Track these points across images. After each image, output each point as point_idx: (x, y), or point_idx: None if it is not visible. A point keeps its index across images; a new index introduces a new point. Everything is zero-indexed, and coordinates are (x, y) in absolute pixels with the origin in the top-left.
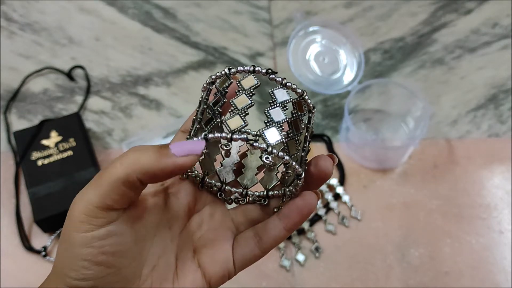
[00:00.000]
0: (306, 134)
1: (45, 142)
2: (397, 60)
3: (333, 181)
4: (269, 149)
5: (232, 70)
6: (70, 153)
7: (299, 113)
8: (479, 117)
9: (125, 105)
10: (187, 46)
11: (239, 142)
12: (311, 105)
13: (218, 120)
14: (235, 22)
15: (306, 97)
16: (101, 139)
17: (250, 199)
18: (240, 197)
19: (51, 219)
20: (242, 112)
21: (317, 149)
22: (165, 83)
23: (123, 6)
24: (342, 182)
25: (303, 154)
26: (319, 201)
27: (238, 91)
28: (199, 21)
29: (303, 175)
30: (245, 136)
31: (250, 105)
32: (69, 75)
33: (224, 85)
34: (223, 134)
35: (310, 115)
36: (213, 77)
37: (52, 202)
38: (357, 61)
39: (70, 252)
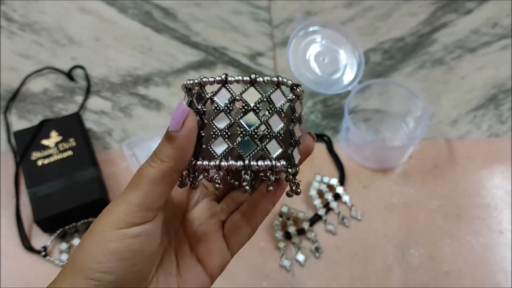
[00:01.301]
0: (299, 126)
1: (45, 142)
2: (397, 60)
3: (333, 181)
4: (273, 162)
5: (230, 79)
6: (70, 153)
7: (296, 115)
8: (479, 117)
9: (125, 105)
10: (187, 46)
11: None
12: (301, 91)
13: (231, 146)
14: (235, 22)
15: (284, 79)
16: (101, 139)
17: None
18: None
19: (51, 219)
20: (254, 134)
21: (317, 149)
22: (165, 83)
23: (123, 6)
24: (342, 182)
25: (296, 149)
26: (319, 201)
27: (243, 107)
28: (199, 21)
29: (299, 171)
30: (263, 163)
31: (260, 124)
32: (69, 75)
33: (228, 101)
34: (239, 163)
35: (293, 103)
36: (205, 80)
37: (52, 202)
38: (357, 61)
39: (99, 245)
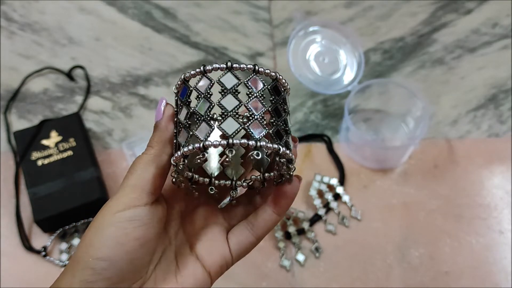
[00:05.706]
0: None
1: (45, 142)
2: (397, 60)
3: (333, 181)
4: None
5: (208, 68)
6: (70, 153)
7: (277, 98)
8: (479, 117)
9: (125, 105)
10: (187, 46)
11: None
12: (286, 84)
13: (214, 127)
14: (235, 22)
15: (281, 77)
16: (101, 139)
17: (240, 184)
18: (231, 189)
19: (51, 219)
20: (234, 113)
21: (317, 148)
22: (165, 83)
23: (123, 6)
24: (342, 182)
25: (287, 139)
26: (319, 201)
27: (223, 90)
28: (199, 21)
29: (295, 159)
30: (246, 142)
31: (239, 105)
32: (69, 75)
33: (207, 87)
34: (222, 142)
35: (286, 95)
36: (187, 75)
37: (52, 202)
38: (357, 61)
39: (97, 232)
